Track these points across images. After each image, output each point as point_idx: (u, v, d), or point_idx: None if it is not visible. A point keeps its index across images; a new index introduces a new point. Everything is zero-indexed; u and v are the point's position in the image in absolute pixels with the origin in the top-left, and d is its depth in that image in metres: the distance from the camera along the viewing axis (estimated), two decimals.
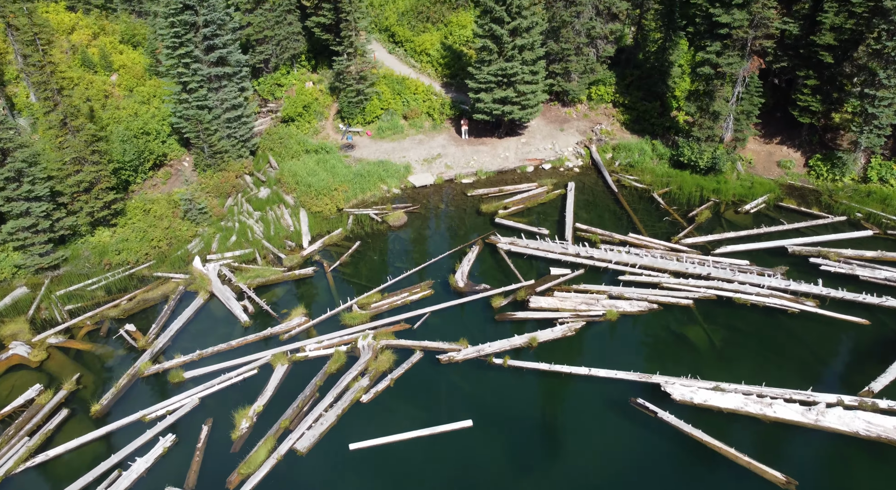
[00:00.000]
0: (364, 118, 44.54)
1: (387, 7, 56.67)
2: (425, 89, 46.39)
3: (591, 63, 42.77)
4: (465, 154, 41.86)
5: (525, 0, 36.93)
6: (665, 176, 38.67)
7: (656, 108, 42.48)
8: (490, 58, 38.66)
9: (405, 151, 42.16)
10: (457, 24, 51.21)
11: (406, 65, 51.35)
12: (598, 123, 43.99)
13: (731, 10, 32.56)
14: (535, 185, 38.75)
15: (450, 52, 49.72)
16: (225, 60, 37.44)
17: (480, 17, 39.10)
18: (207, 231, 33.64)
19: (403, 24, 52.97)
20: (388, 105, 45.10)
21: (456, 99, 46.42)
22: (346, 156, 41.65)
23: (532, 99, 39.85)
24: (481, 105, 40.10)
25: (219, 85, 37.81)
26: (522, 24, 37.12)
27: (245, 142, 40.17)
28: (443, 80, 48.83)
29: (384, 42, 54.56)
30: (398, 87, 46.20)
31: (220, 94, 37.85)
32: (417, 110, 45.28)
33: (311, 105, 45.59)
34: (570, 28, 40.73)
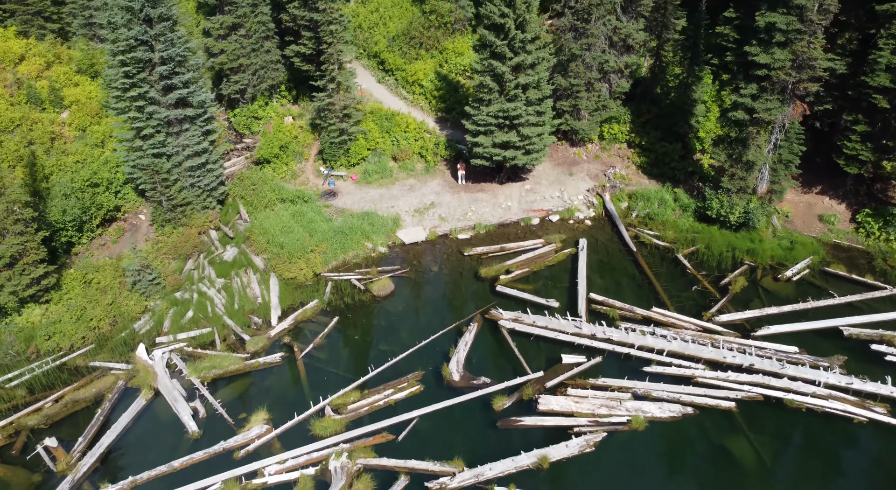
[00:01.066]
0: (348, 160, 40.19)
1: (376, 31, 52.53)
2: (417, 126, 42.09)
3: (604, 99, 38.52)
4: (462, 203, 37.47)
5: (529, 33, 32.73)
6: (690, 231, 34.25)
7: (677, 151, 38.18)
8: (490, 97, 34.38)
9: (394, 200, 37.77)
10: (453, 52, 47.04)
11: (396, 96, 47.10)
12: (612, 166, 39.66)
13: (770, 48, 28.32)
14: (541, 242, 34.32)
15: (445, 82, 45.50)
16: (186, 102, 33.10)
17: (479, 50, 34.89)
18: (160, 305, 29.11)
19: (394, 50, 48.81)
20: (375, 145, 40.78)
21: (452, 137, 42.13)
22: (326, 205, 37.23)
23: (537, 143, 35.52)
24: (480, 149, 35.78)
25: (179, 129, 33.43)
26: (527, 61, 32.88)
27: (211, 191, 35.76)
28: (437, 115, 44.57)
29: (373, 69, 50.37)
30: (387, 123, 41.91)
31: (180, 140, 33.48)
32: (408, 151, 40.95)
33: (290, 145, 41.25)
34: (580, 62, 36.53)
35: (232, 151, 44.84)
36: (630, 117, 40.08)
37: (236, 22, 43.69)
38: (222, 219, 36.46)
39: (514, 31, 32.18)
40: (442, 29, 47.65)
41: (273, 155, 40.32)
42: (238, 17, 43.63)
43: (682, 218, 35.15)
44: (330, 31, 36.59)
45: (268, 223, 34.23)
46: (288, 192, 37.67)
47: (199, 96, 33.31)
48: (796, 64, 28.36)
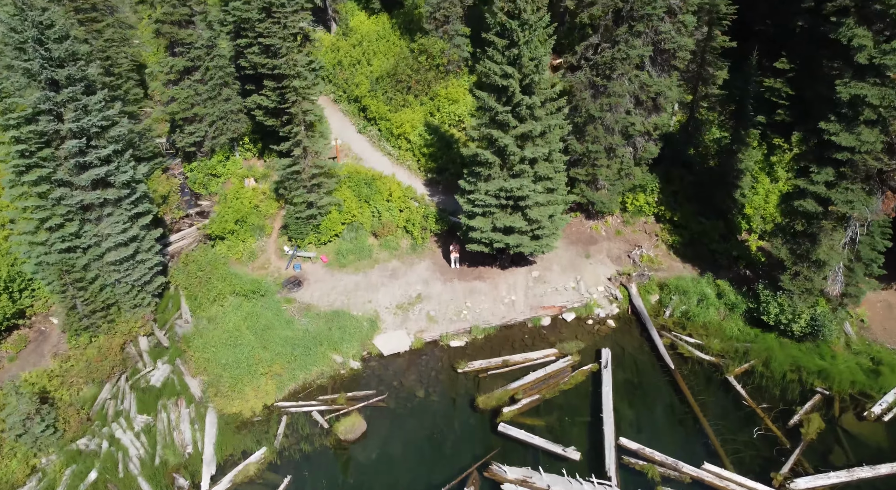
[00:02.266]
0: (318, 238, 33.77)
1: (358, 69, 46.39)
2: (402, 194, 35.72)
3: (627, 166, 32.24)
4: (456, 295, 31.00)
5: (538, 95, 26.48)
6: (740, 340, 27.79)
7: (718, 229, 31.84)
8: (489, 172, 28.08)
9: (372, 290, 31.28)
10: (446, 98, 40.84)
11: (379, 151, 40.81)
12: (637, 246, 33.29)
13: (855, 127, 22.05)
14: (553, 353, 27.84)
15: (436, 136, 39.25)
16: (107, 182, 26.71)
17: (476, 113, 28.63)
18: (54, 462, 22.48)
19: (378, 94, 42.61)
20: (351, 218, 34.36)
21: (444, 205, 35.78)
22: (288, 300, 30.70)
23: (548, 226, 29.15)
24: (476, 234, 29.42)
25: (99, 214, 27.03)
26: (535, 130, 26.58)
27: (144, 285, 29.28)
28: (427, 177, 38.24)
29: (353, 116, 44.14)
30: (366, 190, 35.54)
31: (101, 227, 27.06)
32: (391, 225, 34.55)
33: (249, 216, 34.82)
34: (600, 124, 30.30)
35: (184, 218, 38.49)
36: (658, 185, 33.78)
37: (189, 65, 37.59)
38: (159, 318, 29.96)
39: (519, 96, 25.93)
40: (433, 71, 41.51)
41: (228, 231, 33.90)
42: (191, 61, 37.53)
43: (729, 320, 28.68)
44: (293, 88, 30.30)
45: (211, 334, 27.72)
46: (242, 281, 31.16)
47: (125, 173, 26.89)
48: (891, 149, 22.14)
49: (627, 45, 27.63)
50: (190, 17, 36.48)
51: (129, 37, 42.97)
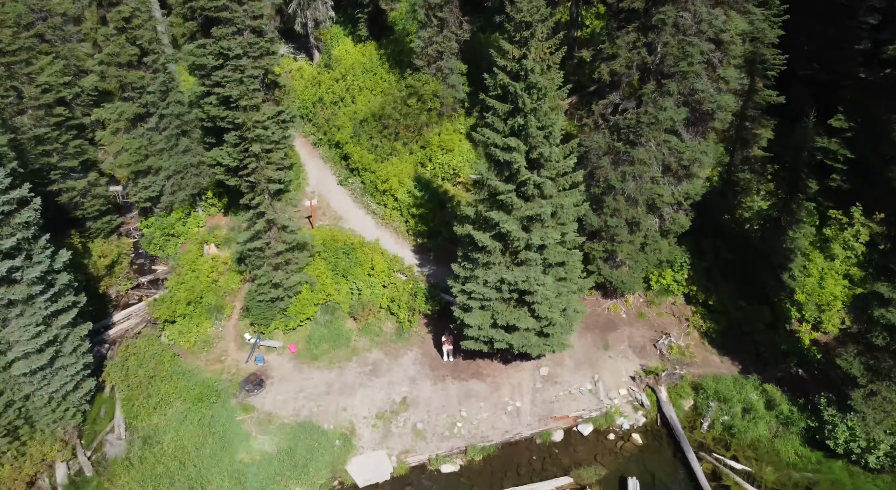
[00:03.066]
0: (286, 323, 28.91)
1: (341, 108, 41.74)
2: (387, 265, 30.90)
3: (652, 240, 27.46)
4: (449, 401, 26.08)
5: (549, 171, 21.71)
6: (800, 467, 22.89)
7: (762, 316, 27.02)
8: (488, 258, 23.28)
9: (348, 393, 26.37)
10: (438, 147, 36.14)
11: (362, 208, 36.03)
12: (665, 333, 28.44)
13: None
14: (567, 485, 22.93)
15: (427, 192, 34.50)
16: (13, 279, 21.86)
17: (474, 188, 23.87)
18: None
19: (362, 140, 37.89)
20: (326, 297, 29.51)
21: (435, 278, 30.97)
22: (246, 407, 25.78)
23: (560, 322, 24.30)
24: (472, 331, 24.58)
25: (5, 317, 22.18)
26: (545, 212, 21.79)
27: (67, 396, 24.36)
28: (416, 241, 33.42)
29: (334, 164, 39.39)
30: (345, 262, 30.70)
31: (6, 333, 22.19)
32: (374, 305, 29.67)
33: (205, 294, 29.97)
34: (621, 195, 25.56)
35: (133, 290, 33.65)
36: (688, 260, 28.99)
37: (141, 112, 32.92)
38: (87, 431, 25.04)
39: (525, 173, 21.17)
40: (424, 115, 36.82)
41: (180, 314, 29.05)
42: (143, 107, 32.86)
43: (784, 440, 23.75)
44: (255, 155, 25.50)
45: (145, 460, 22.80)
46: (192, 381, 26.31)
47: (35, 268, 22.03)
48: None
49: (656, 107, 22.92)
50: (140, 57, 31.86)
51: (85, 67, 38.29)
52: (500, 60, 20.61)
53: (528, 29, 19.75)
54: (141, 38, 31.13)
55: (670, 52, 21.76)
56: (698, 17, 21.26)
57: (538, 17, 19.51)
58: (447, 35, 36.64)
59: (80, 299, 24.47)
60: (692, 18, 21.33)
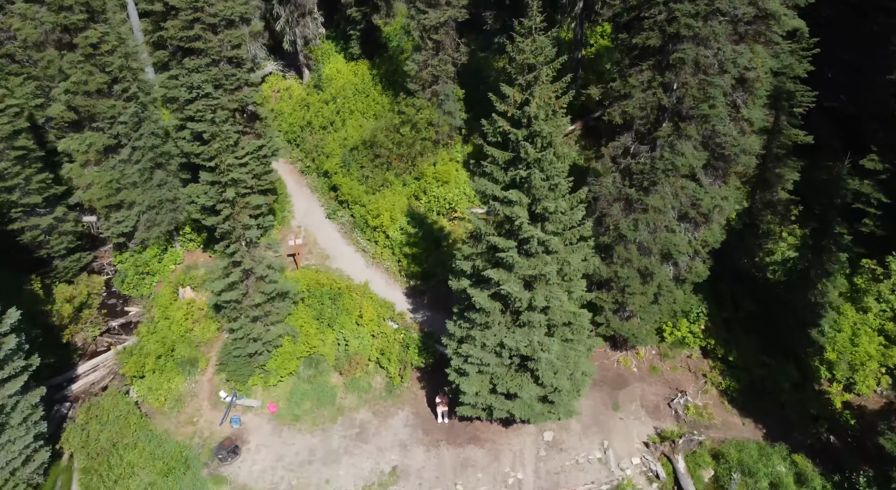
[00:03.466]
0: (265, 380, 26.65)
1: (330, 135, 39.60)
2: (377, 312, 28.67)
3: (666, 290, 25.26)
4: (443, 471, 23.78)
5: (554, 224, 19.54)
6: None
7: (789, 375, 24.83)
8: (487, 319, 21.07)
9: (332, 462, 24.08)
10: (434, 178, 33.99)
11: (352, 244, 33.84)
12: (681, 391, 26.23)
13: None
14: None
15: (421, 229, 32.32)
16: None
17: (470, 240, 21.65)
18: None
19: (352, 169, 35.71)
20: (309, 350, 27.28)
21: (430, 325, 28.77)
22: (217, 480, 23.50)
23: (566, 388, 22.05)
24: (469, 398, 22.34)
25: None
26: (550, 272, 19.57)
27: (15, 472, 22.03)
28: (408, 283, 31.21)
29: (322, 195, 37.20)
30: (331, 310, 28.46)
31: None
32: (362, 358, 27.44)
33: (178, 347, 27.73)
34: (633, 244, 23.38)
35: (103, 335, 31.39)
36: (706, 310, 26.81)
37: (111, 143, 30.80)
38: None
39: (528, 229, 18.98)
40: (419, 144, 34.68)
41: (149, 370, 26.80)
42: (113, 138, 30.74)
43: None
44: (230, 201, 23.27)
45: None
46: (160, 448, 24.02)
47: None
48: None
49: (673, 152, 20.78)
50: (110, 85, 29.75)
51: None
52: (500, 105, 18.48)
53: (531, 71, 17.63)
54: (111, 65, 29.03)
55: (690, 93, 19.63)
56: (721, 55, 19.14)
57: (543, 58, 17.39)
58: (443, 58, 34.59)
59: (31, 362, 22.20)
60: (714, 56, 19.21)
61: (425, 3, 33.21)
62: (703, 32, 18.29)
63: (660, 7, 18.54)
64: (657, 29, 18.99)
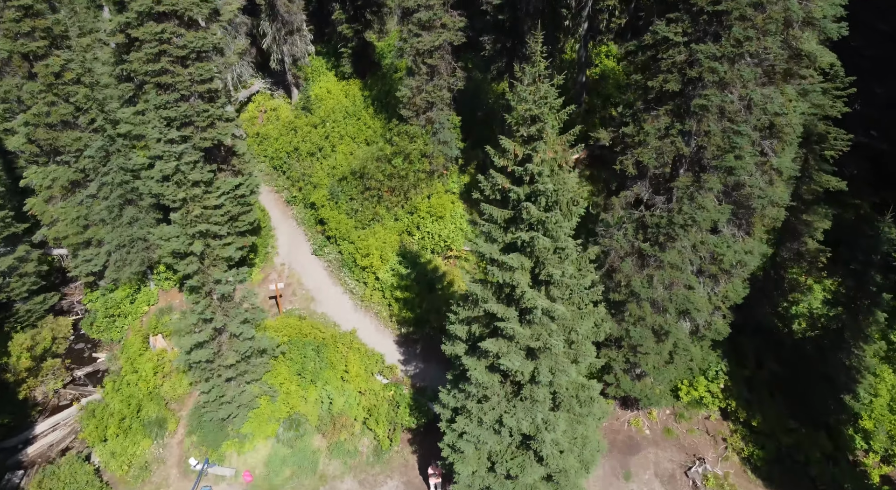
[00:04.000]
0: (241, 444, 24.46)
1: (318, 163, 37.55)
2: (364, 366, 26.53)
3: (683, 348, 23.15)
4: None
5: (559, 289, 17.46)
6: None
7: (820, 444, 22.67)
8: (484, 392, 18.94)
9: None
10: (427, 213, 31.92)
11: (339, 284, 31.72)
12: (699, 458, 24.05)
13: None
14: None
15: (414, 270, 30.20)
16: None
17: (466, 303, 19.54)
18: None
19: (340, 202, 33.62)
20: (289, 410, 25.12)
21: (422, 379, 26.63)
22: None
23: (575, 468, 19.90)
24: (464, 479, 20.13)
25: None
26: (556, 345, 17.47)
27: None
28: (400, 330, 29.07)
29: (308, 228, 35.10)
30: (314, 362, 26.33)
31: None
32: (347, 418, 25.28)
33: (145, 406, 25.56)
34: (646, 301, 21.28)
35: (67, 386, 29.26)
36: (725, 367, 24.71)
37: (77, 178, 28.84)
38: None
39: (531, 298, 16.85)
40: (410, 178, 32.61)
41: (113, 434, 24.61)
42: (80, 172, 28.79)
43: None
44: (198, 269, 21.11)
45: None
46: None
47: None
48: None
49: (692, 205, 18.72)
50: (75, 115, 27.80)
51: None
52: (499, 159, 16.37)
53: (534, 123, 15.56)
54: (75, 95, 27.08)
55: (713, 142, 17.58)
56: (748, 100, 17.10)
57: (547, 109, 15.33)
58: (438, 84, 32.58)
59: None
60: (741, 101, 17.18)
61: (419, 26, 31.23)
62: (728, 77, 16.25)
63: (679, 48, 16.50)
64: (676, 71, 16.96)
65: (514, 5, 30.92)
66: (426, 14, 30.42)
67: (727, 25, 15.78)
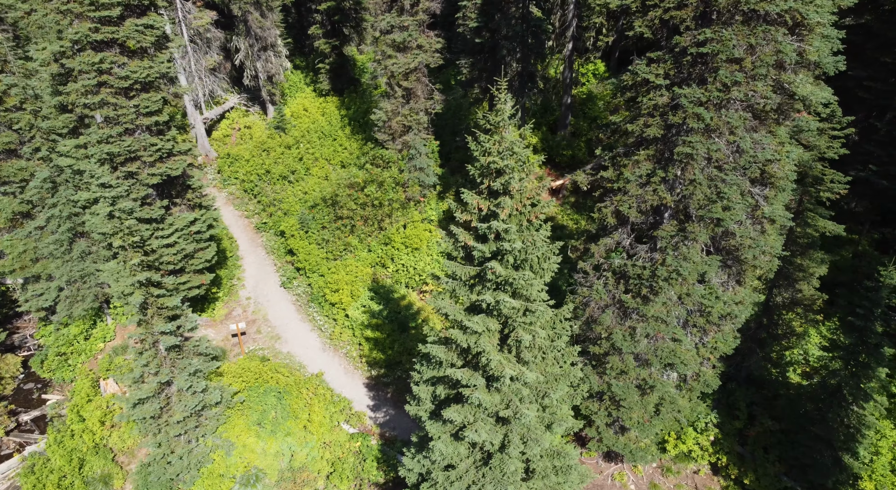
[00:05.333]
0: None
1: (290, 187, 35.96)
2: (329, 414, 24.87)
3: (669, 400, 21.67)
4: None
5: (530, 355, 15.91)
6: None
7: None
8: (451, 462, 17.35)
9: None
10: (402, 244, 30.38)
11: (307, 320, 30.06)
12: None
13: None
14: None
15: (387, 306, 28.62)
16: None
17: (427, 364, 17.95)
18: None
19: (311, 231, 32.07)
20: (245, 466, 23.40)
21: (392, 427, 25.02)
22: None
23: None
24: None
25: None
26: (525, 414, 15.91)
27: None
28: (370, 373, 27.42)
29: (278, 257, 33.46)
30: (274, 411, 24.64)
31: None
32: (309, 474, 23.55)
33: (88, 461, 23.70)
34: (629, 354, 19.81)
35: (9, 435, 27.45)
36: (716, 418, 23.25)
37: (23, 209, 27.18)
38: None
39: (498, 366, 15.29)
40: (386, 206, 31.07)
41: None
42: (26, 203, 27.14)
43: None
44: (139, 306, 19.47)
45: None
46: None
47: None
48: None
49: (677, 256, 17.27)
50: (19, 144, 26.19)
51: None
52: (461, 214, 14.87)
53: (499, 176, 14.07)
54: (18, 122, 25.45)
55: (699, 191, 16.14)
56: (737, 147, 15.70)
57: (514, 161, 13.84)
58: (414, 107, 31.14)
59: None
60: (729, 147, 15.76)
61: (393, 47, 29.83)
62: (714, 123, 14.82)
63: (661, 91, 15.06)
64: (658, 115, 15.52)
65: (492, 29, 29.52)
66: (400, 35, 29.03)
67: (713, 68, 14.36)
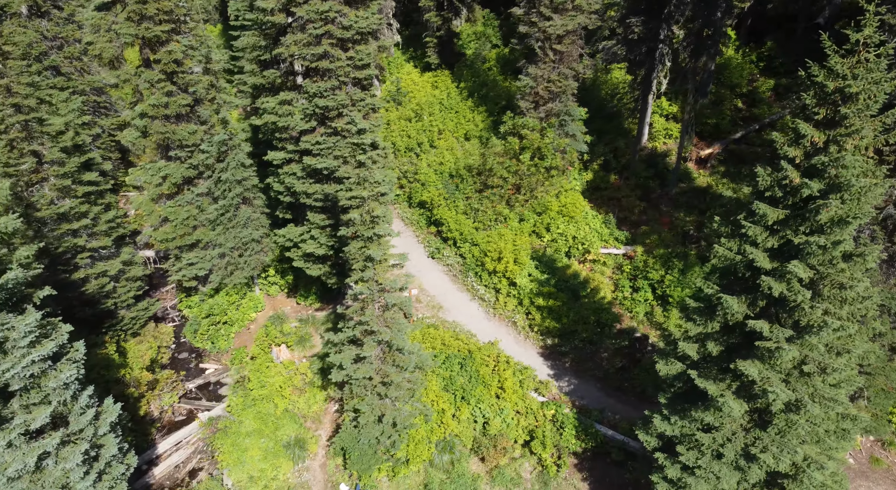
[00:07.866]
0: (394, 469, 21.91)
1: (421, 159, 35.09)
2: (518, 382, 23.96)
3: None
4: None
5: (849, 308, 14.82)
6: None
7: None
8: (720, 422, 16.29)
9: None
10: (559, 213, 29.30)
11: (465, 289, 29.19)
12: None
13: None
14: None
15: (554, 275, 27.58)
16: (42, 466, 15.13)
17: (699, 316, 16.90)
18: None
19: (457, 200, 31.18)
20: (443, 432, 22.54)
21: (579, 396, 24.05)
22: None
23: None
24: None
25: None
26: (829, 368, 14.76)
27: None
28: (543, 342, 26.43)
29: (418, 229, 32.61)
30: (461, 376, 23.76)
31: None
32: (506, 441, 22.65)
33: (282, 425, 23.06)
34: None
35: (181, 401, 26.92)
36: None
37: (190, 175, 26.49)
38: None
39: (809, 313, 14.19)
40: (540, 174, 30.02)
41: (250, 455, 22.20)
42: (193, 169, 26.43)
43: None
44: (361, 255, 18.68)
45: None
46: None
47: (75, 452, 15.26)
48: None
49: None
50: (193, 106, 25.46)
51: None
52: (788, 149, 13.77)
53: (845, 103, 12.95)
54: (195, 84, 24.75)
55: None
56: None
57: (868, 83, 12.72)
58: (563, 72, 30.02)
59: (129, 462, 17.75)
60: None
61: (550, 8, 28.70)
62: None
63: None
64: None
65: None
66: None
67: None
